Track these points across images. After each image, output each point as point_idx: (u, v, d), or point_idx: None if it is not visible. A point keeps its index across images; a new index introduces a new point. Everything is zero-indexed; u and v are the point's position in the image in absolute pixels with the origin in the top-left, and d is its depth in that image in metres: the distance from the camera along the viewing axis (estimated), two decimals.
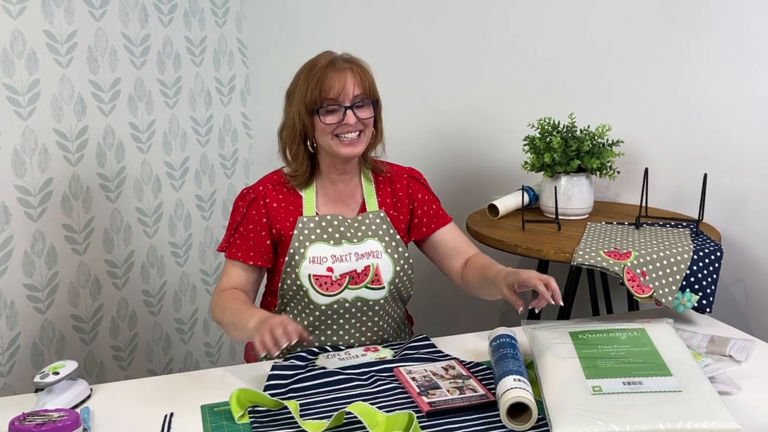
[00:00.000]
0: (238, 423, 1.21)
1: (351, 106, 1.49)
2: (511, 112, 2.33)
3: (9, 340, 2.07)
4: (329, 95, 1.49)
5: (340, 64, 1.51)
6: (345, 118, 1.49)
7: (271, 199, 1.57)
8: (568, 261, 1.66)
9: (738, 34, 1.92)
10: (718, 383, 1.27)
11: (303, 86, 1.51)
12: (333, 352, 1.47)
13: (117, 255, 2.39)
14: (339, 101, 1.49)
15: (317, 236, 1.55)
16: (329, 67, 1.50)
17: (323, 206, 1.59)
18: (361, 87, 1.51)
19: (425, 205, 1.66)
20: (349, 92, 1.50)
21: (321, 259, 1.53)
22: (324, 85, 1.49)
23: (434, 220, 1.66)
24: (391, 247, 1.58)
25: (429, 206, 1.67)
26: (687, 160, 2.06)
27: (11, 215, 2.05)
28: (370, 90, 1.54)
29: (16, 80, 2.02)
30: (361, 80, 1.51)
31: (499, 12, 2.34)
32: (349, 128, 1.50)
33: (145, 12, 2.40)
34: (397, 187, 1.65)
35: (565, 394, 1.16)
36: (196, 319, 2.72)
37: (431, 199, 1.68)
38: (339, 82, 1.49)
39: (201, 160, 2.66)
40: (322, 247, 1.54)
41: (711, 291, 1.58)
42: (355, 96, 1.50)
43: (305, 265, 1.53)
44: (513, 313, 2.53)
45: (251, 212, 1.56)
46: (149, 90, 2.44)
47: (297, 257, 1.53)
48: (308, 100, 1.50)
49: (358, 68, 1.53)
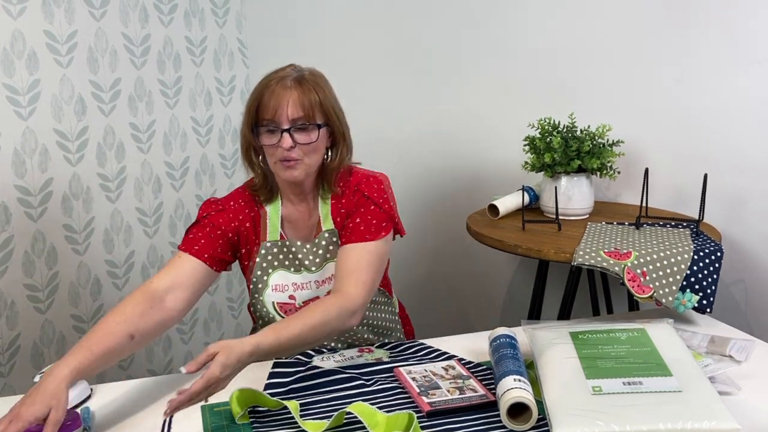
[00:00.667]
0: (238, 423, 1.21)
1: (289, 128, 1.40)
2: (512, 112, 2.33)
3: (9, 340, 2.07)
4: (266, 115, 1.41)
5: (287, 83, 1.42)
6: (280, 140, 1.41)
7: (244, 217, 1.53)
8: (568, 261, 1.66)
9: (738, 34, 1.92)
10: (718, 383, 1.27)
11: (248, 101, 1.45)
12: (328, 353, 1.47)
13: (117, 255, 2.39)
14: (275, 122, 1.41)
15: (279, 262, 1.52)
16: (274, 85, 1.42)
17: (287, 229, 1.54)
18: (302, 110, 1.41)
19: (353, 217, 1.49)
20: (285, 114, 1.40)
21: (283, 287, 1.51)
22: (261, 104, 1.42)
23: (347, 235, 1.48)
24: None
25: (354, 220, 1.48)
26: (687, 160, 2.06)
27: (11, 215, 2.05)
28: (313, 113, 1.42)
29: (16, 80, 2.03)
30: (302, 102, 1.40)
31: (500, 12, 2.34)
32: (285, 153, 1.41)
33: (146, 12, 2.40)
34: (343, 203, 1.52)
35: (565, 394, 1.16)
36: (197, 320, 2.72)
37: (363, 213, 1.48)
38: (275, 101, 1.40)
39: (201, 160, 2.66)
40: (284, 274, 1.51)
41: (711, 291, 1.58)
42: (294, 119, 1.41)
43: (268, 293, 1.51)
44: (513, 314, 2.53)
45: (218, 218, 1.50)
46: (149, 90, 2.44)
47: (260, 285, 1.51)
48: (247, 117, 1.45)
49: (304, 87, 1.42)
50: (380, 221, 1.48)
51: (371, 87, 2.60)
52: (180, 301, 1.40)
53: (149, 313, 1.33)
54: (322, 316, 1.31)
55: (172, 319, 1.39)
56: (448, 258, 2.60)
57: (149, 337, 1.35)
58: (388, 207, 1.50)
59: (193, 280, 1.44)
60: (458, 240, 2.53)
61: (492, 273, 2.55)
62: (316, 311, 1.32)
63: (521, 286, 2.50)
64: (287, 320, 1.29)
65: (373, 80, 2.59)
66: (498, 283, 2.55)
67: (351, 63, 2.60)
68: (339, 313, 1.34)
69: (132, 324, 1.30)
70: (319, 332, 1.31)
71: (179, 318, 1.41)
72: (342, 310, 1.35)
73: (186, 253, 1.45)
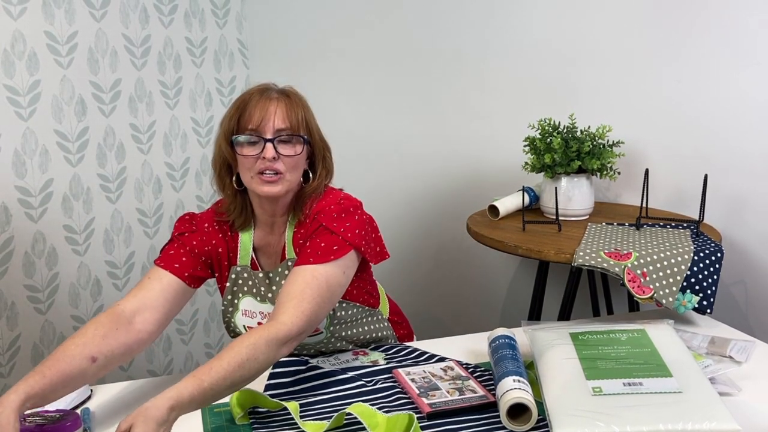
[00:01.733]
0: (238, 423, 1.21)
1: (272, 139, 1.35)
2: (512, 113, 2.33)
3: (9, 340, 2.07)
4: (249, 125, 1.35)
5: (270, 94, 1.38)
6: (263, 151, 1.34)
7: (217, 242, 1.47)
8: (568, 262, 1.66)
9: (738, 34, 1.92)
10: (719, 384, 1.27)
11: (227, 115, 1.40)
12: (323, 357, 1.47)
13: (117, 256, 2.39)
14: (259, 132, 1.35)
15: (248, 288, 1.46)
16: (256, 95, 1.38)
17: (258, 256, 1.48)
18: (287, 121, 1.36)
19: (307, 241, 1.39)
20: (270, 124, 1.35)
21: (251, 313, 1.47)
22: (245, 113, 1.36)
23: (297, 258, 1.41)
24: None
25: (305, 244, 1.39)
26: (687, 161, 2.06)
27: (12, 216, 2.05)
28: (298, 126, 1.37)
29: (16, 81, 2.03)
30: (288, 113, 1.36)
31: (500, 13, 2.34)
32: (267, 164, 1.34)
33: (146, 13, 2.40)
34: (302, 232, 1.44)
35: (565, 395, 1.16)
36: (197, 320, 2.72)
37: (315, 237, 1.38)
38: (261, 110, 1.35)
39: (201, 161, 2.66)
40: (251, 301, 1.47)
41: (711, 292, 1.58)
42: (279, 129, 1.36)
43: (239, 317, 1.47)
44: (513, 314, 2.53)
45: (192, 240, 1.45)
46: (150, 91, 2.44)
47: (231, 308, 1.48)
48: (226, 128, 1.38)
49: (288, 101, 1.38)
50: (330, 245, 1.35)
51: (371, 87, 2.60)
52: (150, 323, 1.34)
53: (113, 335, 1.26)
54: (249, 351, 1.18)
55: (141, 341, 1.32)
56: (448, 259, 2.60)
57: (116, 360, 1.28)
58: (344, 231, 1.37)
59: (163, 300, 1.36)
60: (458, 241, 2.53)
61: (492, 274, 2.55)
62: (242, 347, 1.18)
63: (521, 287, 2.50)
64: (211, 362, 1.16)
65: (373, 80, 2.59)
66: (498, 283, 2.55)
67: (351, 63, 2.60)
68: (267, 344, 1.21)
69: (93, 346, 1.23)
70: (247, 370, 1.18)
71: (151, 339, 1.35)
72: (270, 341, 1.21)
73: (165, 270, 1.39)
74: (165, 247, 1.46)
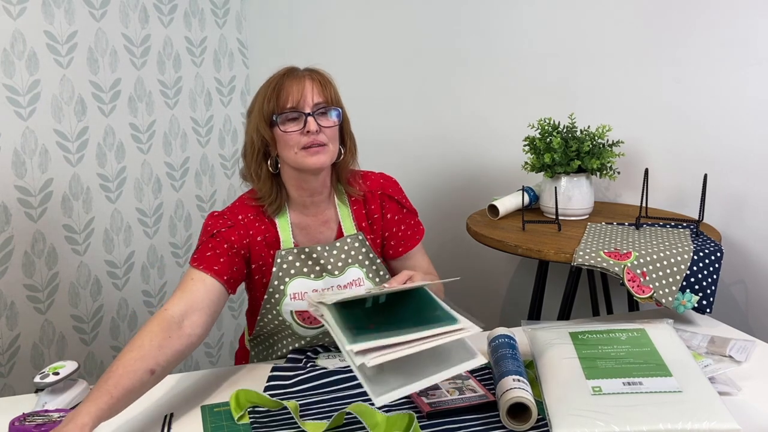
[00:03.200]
0: (238, 423, 1.21)
1: (312, 113, 1.40)
2: (512, 113, 2.33)
3: (9, 340, 2.07)
4: (288, 104, 1.40)
5: (299, 73, 1.44)
6: (306, 125, 1.39)
7: (255, 231, 1.47)
8: (568, 261, 1.66)
9: (738, 34, 1.92)
10: (718, 384, 1.27)
11: (261, 99, 1.43)
12: (335, 352, 1.47)
13: (117, 255, 2.39)
14: (299, 108, 1.40)
15: (297, 270, 1.47)
16: (287, 76, 1.43)
17: (299, 236, 1.50)
18: (322, 95, 1.42)
19: (395, 226, 1.56)
20: (309, 99, 1.41)
21: (302, 295, 1.45)
22: (282, 93, 1.41)
23: (402, 243, 1.57)
24: (372, 271, 1.51)
25: (399, 227, 1.56)
26: (687, 161, 2.06)
27: (11, 216, 2.05)
28: (332, 99, 1.44)
29: (16, 81, 2.03)
30: (322, 88, 1.43)
31: (500, 12, 2.34)
32: (312, 136, 1.40)
33: (146, 12, 2.40)
34: (372, 208, 1.54)
35: (565, 395, 1.16)
36: None
37: (402, 218, 1.57)
38: (297, 88, 1.41)
39: (201, 160, 2.66)
40: (302, 281, 1.47)
41: (711, 291, 1.58)
42: (316, 104, 1.41)
43: (286, 302, 1.46)
44: (513, 314, 2.53)
45: (230, 236, 1.44)
46: (149, 90, 2.44)
47: (277, 295, 1.46)
48: (266, 110, 1.42)
49: (318, 77, 1.45)
50: (417, 222, 1.62)
51: (371, 87, 2.60)
52: (198, 325, 1.32)
53: (168, 344, 1.25)
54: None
55: (191, 344, 1.31)
56: (448, 258, 2.60)
57: (170, 368, 1.27)
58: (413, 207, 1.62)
59: (209, 301, 1.36)
60: (458, 240, 2.53)
61: (492, 273, 2.55)
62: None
63: (521, 287, 2.50)
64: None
65: (373, 81, 2.59)
66: (498, 283, 2.55)
67: (351, 63, 2.60)
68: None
69: (151, 359, 1.22)
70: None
71: (199, 342, 1.34)
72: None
73: (205, 273, 1.38)
74: (199, 248, 1.42)
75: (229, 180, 2.78)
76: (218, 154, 2.73)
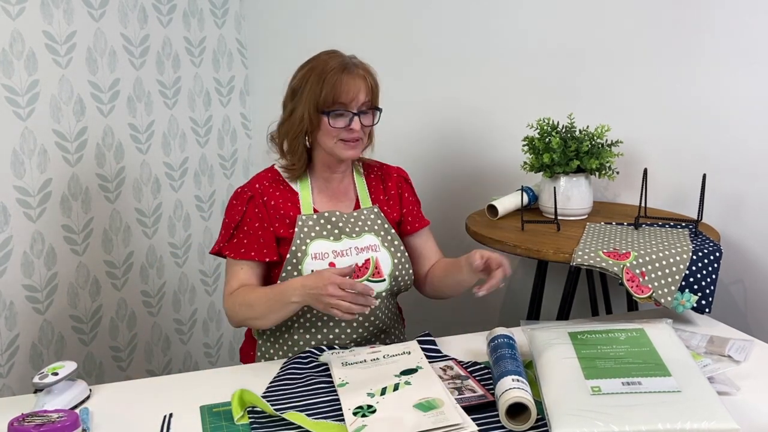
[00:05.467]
0: (237, 423, 1.21)
1: (358, 113, 1.54)
2: (511, 113, 2.33)
3: (8, 340, 2.07)
4: (341, 99, 1.52)
5: (354, 70, 1.55)
6: (351, 123, 1.53)
7: (269, 197, 1.60)
8: (567, 261, 1.66)
9: (738, 34, 1.92)
10: (717, 383, 1.27)
11: (315, 86, 1.53)
12: (339, 350, 1.47)
13: (116, 255, 2.39)
14: (349, 107, 1.53)
15: (317, 233, 1.57)
16: (345, 72, 1.54)
17: (319, 203, 1.63)
18: (369, 95, 1.56)
19: (410, 205, 1.74)
20: (360, 99, 1.54)
21: (323, 255, 1.56)
22: (339, 90, 1.52)
23: (418, 220, 1.74)
24: (387, 240, 1.62)
25: (412, 207, 1.74)
26: (686, 161, 2.06)
27: (10, 216, 2.04)
28: (373, 98, 1.59)
29: (15, 81, 2.02)
30: (370, 88, 1.56)
31: (500, 12, 2.34)
32: (354, 134, 1.54)
33: (144, 12, 2.40)
34: (389, 185, 1.72)
35: (564, 395, 1.16)
36: (195, 320, 2.72)
37: (415, 201, 1.77)
38: (354, 88, 1.53)
39: (200, 160, 2.66)
40: (323, 243, 1.57)
41: (710, 291, 1.58)
42: (363, 103, 1.55)
43: (308, 262, 1.55)
44: (512, 314, 2.53)
45: (252, 210, 1.58)
46: (148, 91, 2.44)
47: (299, 254, 1.55)
48: (321, 101, 1.53)
49: (369, 76, 1.58)
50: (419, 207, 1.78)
51: None
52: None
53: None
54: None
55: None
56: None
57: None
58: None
59: (256, 278, 1.58)
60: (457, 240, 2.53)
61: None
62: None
63: (520, 287, 2.50)
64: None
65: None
66: None
67: None
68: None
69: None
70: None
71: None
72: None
73: (244, 260, 1.56)
74: (235, 237, 1.57)
75: (228, 180, 2.78)
76: (217, 155, 2.73)
